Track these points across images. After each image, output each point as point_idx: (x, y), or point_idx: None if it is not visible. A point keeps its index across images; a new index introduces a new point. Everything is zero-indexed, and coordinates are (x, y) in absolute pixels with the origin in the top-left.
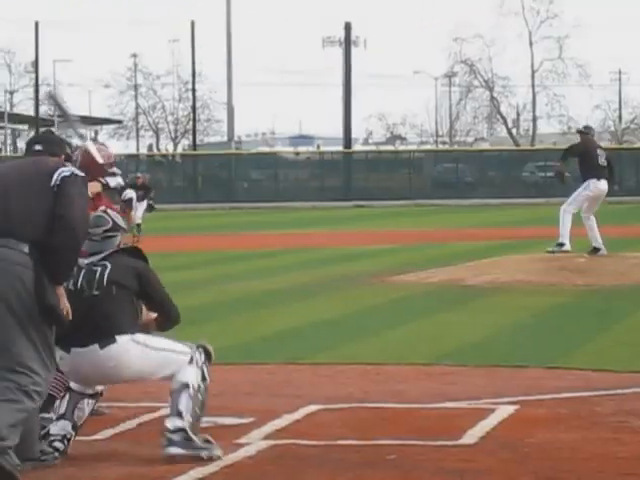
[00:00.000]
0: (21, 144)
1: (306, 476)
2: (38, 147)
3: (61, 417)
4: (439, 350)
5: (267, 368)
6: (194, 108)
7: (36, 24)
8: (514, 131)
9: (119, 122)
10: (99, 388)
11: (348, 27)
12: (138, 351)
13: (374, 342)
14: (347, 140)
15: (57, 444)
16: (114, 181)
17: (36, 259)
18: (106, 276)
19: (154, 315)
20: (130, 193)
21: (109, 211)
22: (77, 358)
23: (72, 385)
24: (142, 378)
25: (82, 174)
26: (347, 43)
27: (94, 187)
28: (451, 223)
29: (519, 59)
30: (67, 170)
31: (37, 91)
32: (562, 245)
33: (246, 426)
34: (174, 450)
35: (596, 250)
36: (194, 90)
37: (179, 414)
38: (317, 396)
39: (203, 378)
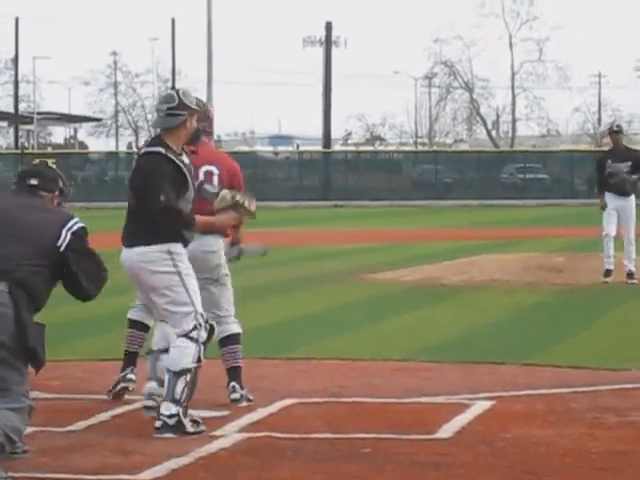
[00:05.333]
0: (0, 141)
1: (280, 468)
2: (34, 182)
3: (149, 379)
4: (415, 346)
5: (244, 362)
6: None
7: (16, 20)
8: (493, 133)
9: (98, 120)
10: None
11: (329, 27)
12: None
13: (350, 338)
14: (326, 140)
15: (147, 402)
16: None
17: (18, 298)
18: None
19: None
20: None
21: (180, 91)
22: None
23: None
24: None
25: (83, 224)
26: (328, 43)
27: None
28: (430, 223)
29: (499, 61)
30: (75, 224)
31: (17, 87)
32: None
33: (221, 419)
34: (167, 435)
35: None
36: (174, 89)
37: (175, 401)
38: (292, 390)
39: (198, 359)
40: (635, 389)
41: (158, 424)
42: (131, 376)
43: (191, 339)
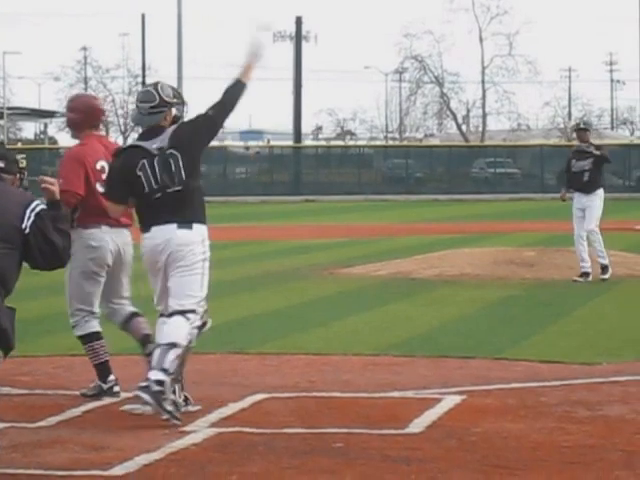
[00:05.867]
0: None
1: (252, 463)
2: (1, 164)
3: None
4: (386, 341)
5: (214, 357)
6: None
7: None
8: (464, 127)
9: None
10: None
11: (299, 22)
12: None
13: (321, 333)
14: (297, 135)
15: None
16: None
17: None
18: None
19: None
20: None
21: (158, 86)
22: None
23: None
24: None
25: (44, 205)
26: (298, 38)
27: None
28: (400, 218)
29: (469, 55)
30: (37, 205)
31: None
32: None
33: (193, 414)
34: (145, 396)
35: (584, 275)
36: (144, 84)
37: (164, 370)
38: (264, 385)
39: (190, 341)
40: (606, 383)
41: (143, 383)
42: (117, 389)
43: (187, 319)
